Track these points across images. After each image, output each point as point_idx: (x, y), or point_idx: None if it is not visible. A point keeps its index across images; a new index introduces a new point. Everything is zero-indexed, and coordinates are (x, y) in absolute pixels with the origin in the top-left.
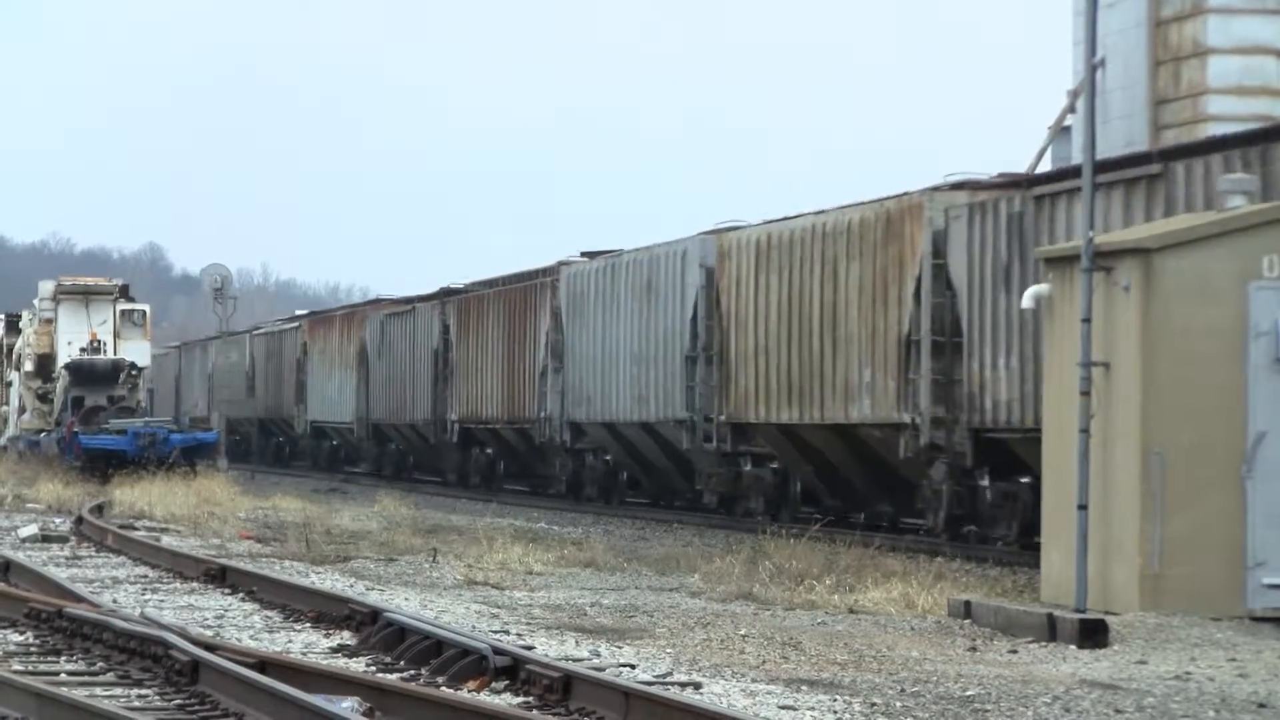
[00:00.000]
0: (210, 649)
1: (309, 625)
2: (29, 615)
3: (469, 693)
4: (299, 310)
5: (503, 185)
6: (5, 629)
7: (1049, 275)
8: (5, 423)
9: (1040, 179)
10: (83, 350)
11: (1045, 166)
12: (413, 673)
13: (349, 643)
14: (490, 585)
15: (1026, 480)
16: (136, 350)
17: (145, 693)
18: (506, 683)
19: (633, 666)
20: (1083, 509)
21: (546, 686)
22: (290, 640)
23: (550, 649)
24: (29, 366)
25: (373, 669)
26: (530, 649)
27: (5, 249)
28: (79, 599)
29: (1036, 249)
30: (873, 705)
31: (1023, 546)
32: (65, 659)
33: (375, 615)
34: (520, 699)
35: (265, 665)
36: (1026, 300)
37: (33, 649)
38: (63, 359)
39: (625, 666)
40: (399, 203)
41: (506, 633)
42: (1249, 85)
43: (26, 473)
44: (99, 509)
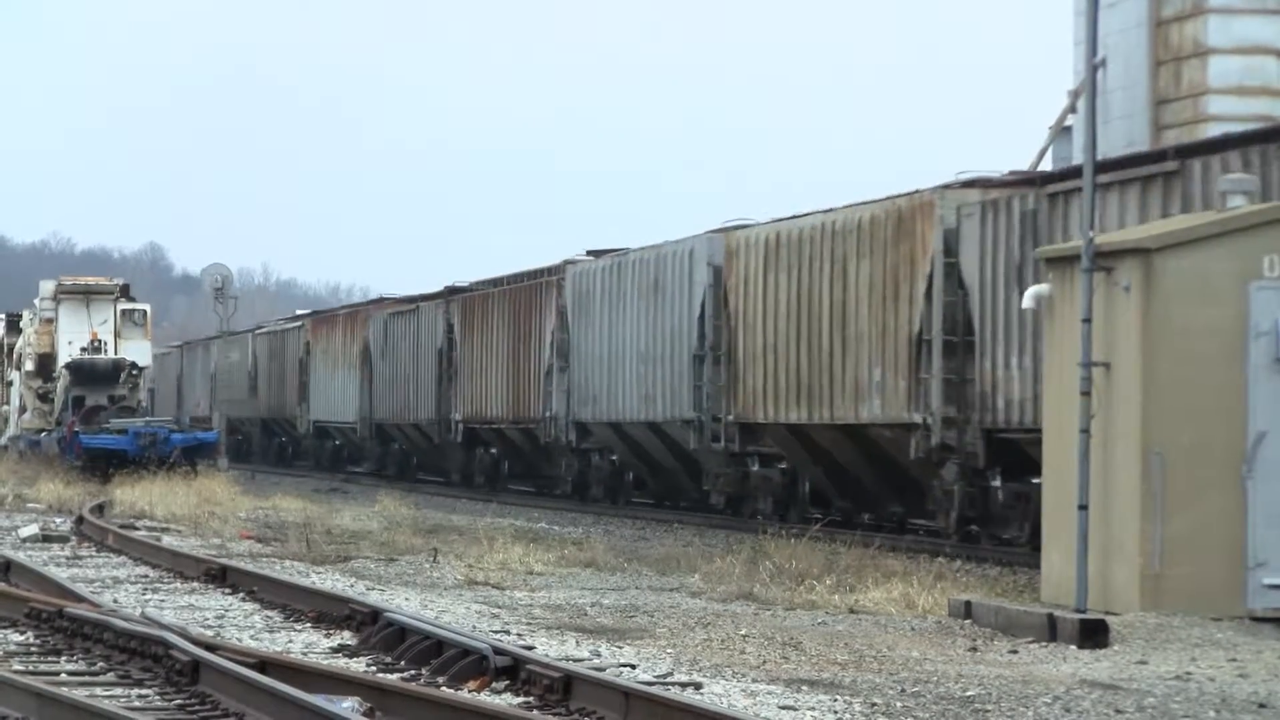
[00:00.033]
0: (211, 649)
1: (309, 625)
2: (29, 615)
3: (469, 693)
4: (299, 310)
5: (503, 185)
6: (6, 629)
7: (1049, 275)
8: (6, 422)
9: (1054, 176)
10: (83, 350)
11: (1046, 166)
12: (413, 673)
13: (349, 643)
14: (491, 585)
15: (1038, 481)
16: (137, 350)
17: (146, 693)
18: (507, 683)
19: (633, 666)
20: (1083, 509)
21: (547, 686)
22: (291, 640)
23: (551, 649)
24: (30, 366)
25: (373, 669)
26: (531, 649)
27: (6, 249)
28: (79, 599)
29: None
30: (873, 705)
31: (1035, 548)
32: (66, 659)
33: (376, 615)
34: (521, 699)
35: (266, 665)
36: (1027, 300)
37: (33, 649)
38: (63, 359)
39: (626, 666)
40: (399, 203)
41: (507, 633)
42: (1249, 85)
43: (27, 472)
44: (99, 509)
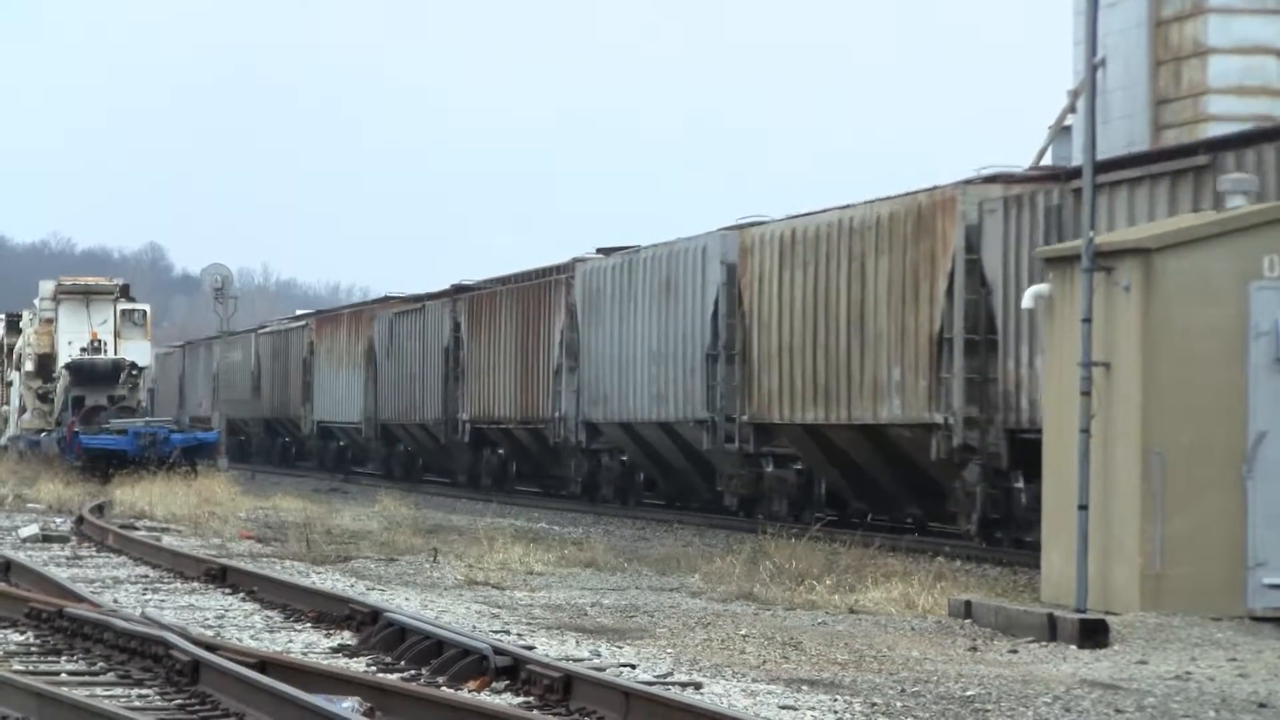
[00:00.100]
0: (211, 649)
1: (309, 625)
2: (30, 615)
3: (469, 693)
4: (300, 310)
5: (502, 185)
6: (6, 629)
7: (1049, 275)
8: (6, 422)
9: (1080, 171)
10: (83, 350)
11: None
12: (413, 673)
13: (349, 643)
14: (491, 585)
15: None
16: (137, 350)
17: (146, 693)
18: (507, 683)
19: (633, 666)
20: (1083, 509)
21: (547, 686)
22: (291, 640)
23: (551, 649)
24: (29, 366)
25: (373, 669)
26: (531, 649)
27: (5, 249)
28: (80, 599)
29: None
30: (873, 705)
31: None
32: (66, 659)
33: (376, 615)
34: (521, 699)
35: (266, 665)
36: (1026, 300)
37: (33, 649)
38: (63, 359)
39: (626, 666)
40: (399, 203)
41: (507, 633)
42: (1249, 85)
43: (27, 472)
44: (99, 509)
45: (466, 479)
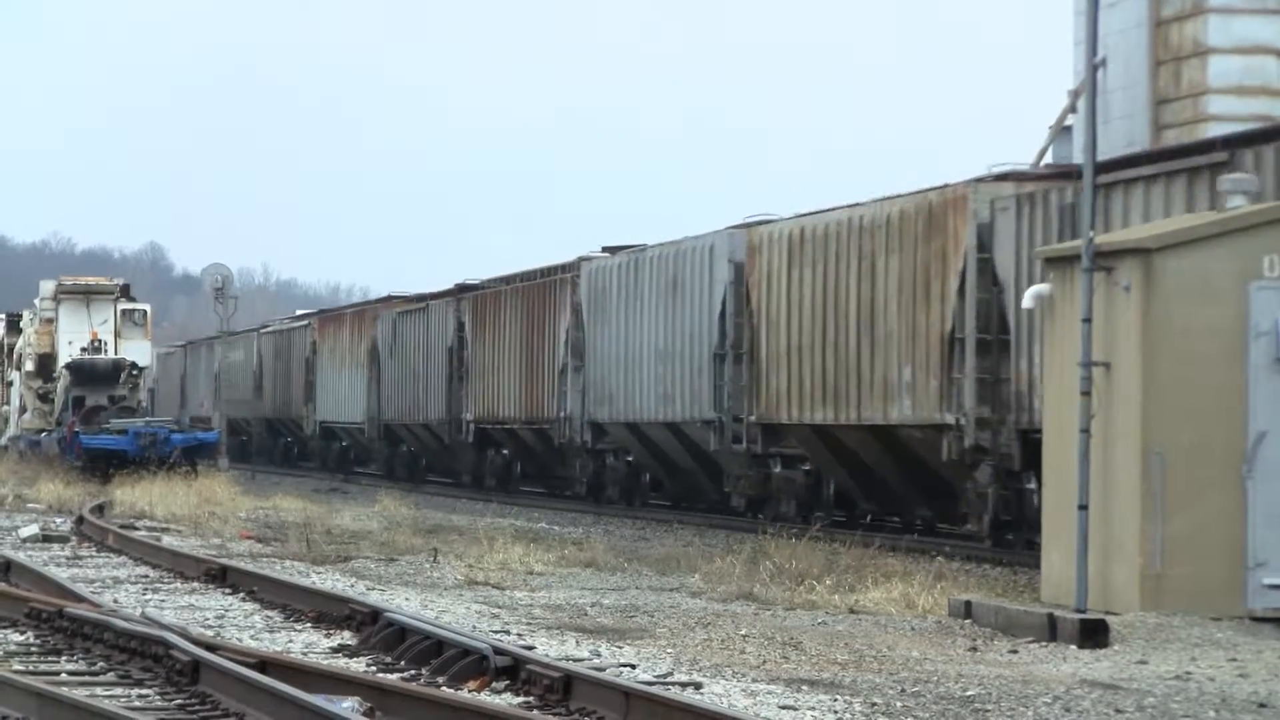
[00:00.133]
0: (211, 649)
1: (309, 625)
2: (30, 615)
3: (469, 693)
4: (300, 310)
5: (503, 185)
6: (6, 629)
7: (1049, 275)
8: (6, 422)
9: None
10: (84, 350)
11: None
12: (413, 673)
13: (349, 643)
14: (491, 585)
15: None
16: (137, 350)
17: (146, 693)
18: (507, 683)
19: (633, 666)
20: (1083, 509)
21: (547, 686)
22: (291, 640)
23: (551, 649)
24: (30, 366)
25: (373, 669)
26: (531, 649)
27: (6, 249)
28: (80, 599)
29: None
30: (873, 705)
31: None
32: (66, 659)
33: (376, 615)
34: (521, 699)
35: (266, 665)
36: (1027, 300)
37: (33, 649)
38: (64, 359)
39: (626, 666)
40: (399, 203)
41: (507, 633)
42: (1249, 85)
43: (27, 472)
44: (100, 509)
45: (471, 480)
